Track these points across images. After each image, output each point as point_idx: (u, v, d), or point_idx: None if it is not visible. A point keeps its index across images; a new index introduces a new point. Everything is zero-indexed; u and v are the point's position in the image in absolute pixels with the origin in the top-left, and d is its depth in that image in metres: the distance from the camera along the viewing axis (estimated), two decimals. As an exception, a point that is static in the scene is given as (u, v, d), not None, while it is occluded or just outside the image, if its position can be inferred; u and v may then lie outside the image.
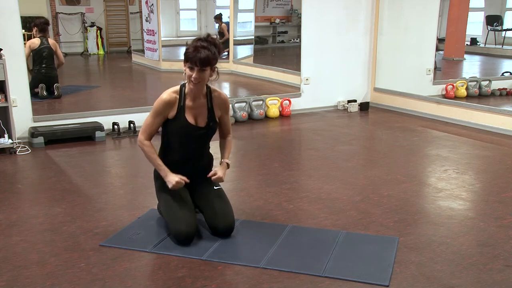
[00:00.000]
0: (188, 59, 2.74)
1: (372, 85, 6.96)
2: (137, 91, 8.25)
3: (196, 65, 2.71)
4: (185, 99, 2.86)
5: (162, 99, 2.84)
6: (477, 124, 5.64)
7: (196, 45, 2.72)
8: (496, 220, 3.12)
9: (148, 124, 2.90)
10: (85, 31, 12.86)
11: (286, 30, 11.13)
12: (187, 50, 2.75)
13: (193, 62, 2.71)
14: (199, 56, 2.69)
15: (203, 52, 2.70)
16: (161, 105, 2.84)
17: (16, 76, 4.79)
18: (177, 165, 2.92)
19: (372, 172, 4.12)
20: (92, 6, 13.06)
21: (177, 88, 2.88)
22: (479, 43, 10.08)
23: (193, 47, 2.73)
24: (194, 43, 2.74)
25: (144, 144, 2.90)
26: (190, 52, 2.72)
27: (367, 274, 2.48)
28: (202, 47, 2.71)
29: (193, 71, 2.74)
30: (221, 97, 2.96)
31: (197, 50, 2.70)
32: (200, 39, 2.76)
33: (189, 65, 2.74)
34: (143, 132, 2.91)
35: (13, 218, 3.18)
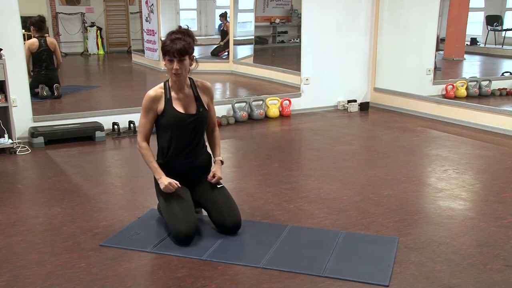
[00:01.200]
0: (166, 52, 2.80)
1: (372, 85, 6.96)
2: (137, 91, 8.24)
3: (174, 56, 2.78)
4: (171, 92, 2.93)
5: (148, 95, 2.91)
6: (477, 124, 5.64)
7: (171, 38, 2.80)
8: (496, 220, 3.12)
9: (142, 124, 2.94)
10: (85, 31, 12.86)
11: (286, 30, 11.13)
12: (164, 44, 2.81)
13: (171, 54, 2.78)
14: (175, 47, 2.75)
15: (179, 43, 2.76)
16: (148, 101, 2.90)
17: (16, 76, 4.79)
18: (176, 163, 2.92)
19: (372, 172, 4.12)
20: (92, 6, 13.06)
21: (161, 84, 2.96)
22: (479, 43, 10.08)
23: (169, 40, 2.80)
24: (169, 37, 2.82)
25: (141, 146, 2.93)
26: (167, 45, 2.79)
27: (367, 274, 2.48)
28: (177, 39, 2.78)
29: (172, 63, 2.81)
30: (204, 85, 3.04)
31: (173, 42, 2.77)
32: (174, 32, 2.84)
33: (168, 57, 2.81)
34: (139, 134, 2.95)
35: (13, 218, 3.18)
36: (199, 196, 2.99)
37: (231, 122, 5.86)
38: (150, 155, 2.92)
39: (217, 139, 3.14)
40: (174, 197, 2.87)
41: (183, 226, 2.76)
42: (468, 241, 2.84)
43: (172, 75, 2.86)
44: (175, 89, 2.93)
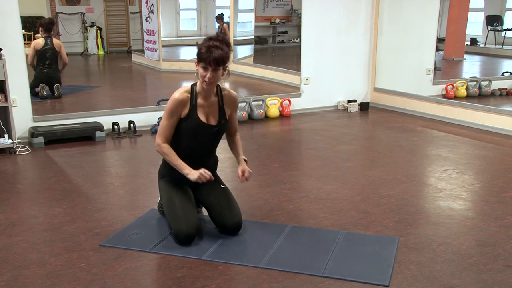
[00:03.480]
0: (202, 59, 2.71)
1: (372, 85, 6.96)
2: (137, 91, 8.25)
3: (210, 65, 2.69)
4: (197, 98, 2.84)
5: (175, 98, 2.80)
6: (477, 124, 5.64)
7: (209, 44, 2.70)
8: (496, 220, 3.12)
9: (164, 126, 2.85)
10: (85, 31, 12.87)
11: (286, 30, 11.13)
12: (200, 50, 2.71)
13: (207, 62, 2.69)
14: (213, 56, 2.67)
15: (217, 51, 2.68)
16: (174, 104, 2.80)
17: (16, 76, 4.78)
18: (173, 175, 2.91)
19: (372, 172, 4.12)
20: (92, 6, 13.07)
21: (188, 87, 2.86)
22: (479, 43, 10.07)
23: (206, 47, 2.70)
24: (207, 43, 2.71)
25: (163, 146, 2.86)
26: (204, 52, 2.69)
27: (367, 274, 2.48)
28: (215, 47, 2.69)
29: (207, 71, 2.72)
30: (231, 95, 2.97)
31: (210, 50, 2.68)
32: (212, 38, 2.74)
33: (203, 65, 2.71)
34: (160, 135, 2.86)
35: (13, 218, 3.18)
36: (201, 195, 2.99)
37: (231, 122, 5.86)
38: (173, 153, 2.85)
39: (238, 142, 3.09)
40: (177, 196, 2.87)
41: (184, 225, 2.76)
42: (468, 241, 2.84)
43: (203, 83, 2.77)
44: (201, 95, 2.84)
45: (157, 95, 7.00)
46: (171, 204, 2.86)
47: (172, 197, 2.88)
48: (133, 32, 12.48)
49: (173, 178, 2.94)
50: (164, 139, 2.86)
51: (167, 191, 2.92)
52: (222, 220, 2.89)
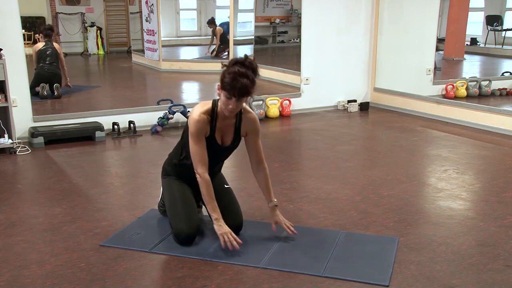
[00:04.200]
0: (225, 88, 2.54)
1: (372, 85, 6.96)
2: (137, 91, 8.25)
3: (234, 96, 2.54)
4: (217, 119, 2.70)
5: (196, 120, 2.64)
6: (477, 124, 5.64)
7: (234, 71, 2.53)
8: (496, 220, 3.12)
9: (196, 152, 2.67)
10: (85, 31, 12.87)
11: (286, 30, 11.12)
12: (224, 77, 2.54)
13: (231, 93, 2.53)
14: (238, 86, 2.51)
15: (242, 81, 2.51)
16: (197, 126, 2.64)
17: (16, 76, 4.78)
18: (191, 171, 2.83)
19: (372, 172, 4.12)
20: (92, 6, 13.07)
21: (209, 106, 2.69)
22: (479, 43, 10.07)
23: (231, 74, 2.52)
24: (232, 69, 2.54)
25: (205, 178, 2.67)
26: (228, 81, 2.52)
27: (367, 274, 2.48)
28: (241, 75, 2.52)
29: (230, 101, 2.56)
30: (250, 117, 2.80)
31: (235, 79, 2.51)
32: (238, 62, 2.57)
33: (227, 94, 2.55)
34: (199, 163, 2.67)
35: (13, 218, 3.18)
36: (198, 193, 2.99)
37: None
38: (212, 191, 2.69)
39: (267, 179, 2.88)
40: (179, 196, 2.87)
41: (185, 226, 2.76)
42: (468, 241, 2.84)
43: (224, 111, 2.63)
44: (222, 116, 2.70)
45: (157, 95, 7.01)
46: (173, 203, 2.86)
47: (175, 197, 2.88)
48: (133, 32, 12.48)
49: (178, 177, 2.94)
50: (203, 167, 2.67)
51: (170, 189, 2.92)
52: (223, 219, 2.88)
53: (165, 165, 3.05)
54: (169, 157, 3.04)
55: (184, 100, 6.74)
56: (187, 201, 2.86)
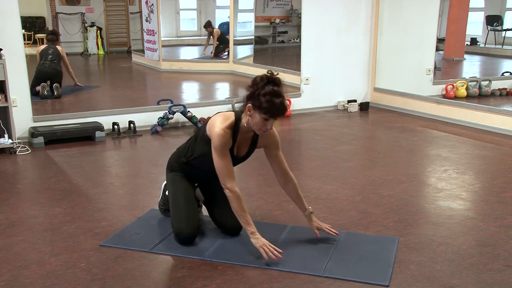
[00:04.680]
0: (264, 111, 2.47)
1: (372, 85, 6.96)
2: (137, 91, 8.25)
3: (273, 117, 2.50)
4: (238, 134, 2.66)
5: (221, 135, 2.56)
6: (477, 124, 5.64)
7: (269, 92, 2.46)
8: (496, 220, 3.12)
9: (224, 166, 2.59)
10: (85, 31, 12.87)
11: (286, 30, 11.13)
12: (259, 99, 2.46)
13: (271, 115, 2.48)
14: (276, 107, 2.46)
15: (279, 101, 2.46)
16: (222, 141, 2.57)
17: (16, 76, 4.78)
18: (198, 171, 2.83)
19: (372, 172, 4.12)
20: (92, 6, 13.08)
21: (232, 120, 2.62)
22: (479, 43, 10.08)
23: (267, 96, 2.45)
24: (266, 89, 2.46)
25: (236, 191, 2.60)
26: (266, 103, 2.45)
27: (367, 274, 2.48)
28: (276, 95, 2.46)
29: (268, 122, 2.52)
30: (270, 132, 2.73)
31: (273, 101, 2.45)
32: (270, 80, 2.49)
33: (265, 116, 2.48)
34: (228, 178, 2.60)
35: (13, 218, 3.18)
36: (206, 191, 2.98)
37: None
38: (243, 204, 2.63)
39: (297, 189, 2.82)
40: (182, 195, 2.85)
41: (186, 226, 2.76)
42: (468, 241, 2.84)
43: (258, 131, 2.59)
44: (244, 130, 2.65)
45: (157, 95, 7.01)
46: (175, 202, 2.85)
47: (177, 195, 2.86)
48: (133, 32, 12.48)
49: (183, 174, 2.90)
50: (233, 181, 2.61)
51: (174, 186, 2.89)
52: (224, 219, 2.89)
53: (171, 160, 2.99)
54: (177, 153, 2.97)
55: (184, 100, 6.74)
56: (189, 201, 2.86)
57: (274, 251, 2.55)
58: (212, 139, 2.60)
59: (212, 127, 2.62)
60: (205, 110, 5.90)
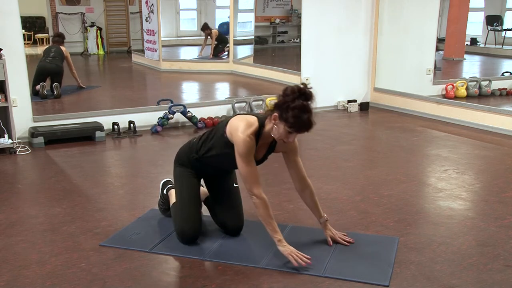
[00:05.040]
0: (290, 125, 2.42)
1: (372, 85, 6.96)
2: (137, 91, 8.25)
3: (298, 132, 2.46)
4: (260, 138, 2.61)
5: (247, 141, 2.51)
6: (477, 124, 5.64)
7: (299, 106, 2.40)
8: (496, 220, 3.12)
9: (251, 172, 2.54)
10: (85, 31, 12.87)
11: (286, 30, 11.14)
12: (287, 112, 2.41)
13: (296, 130, 2.44)
14: (303, 123, 2.42)
15: (307, 117, 2.41)
16: (248, 147, 2.52)
17: (16, 76, 4.78)
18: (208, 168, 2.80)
19: (372, 172, 4.12)
20: (92, 6, 13.08)
21: (256, 126, 2.55)
22: (479, 43, 10.08)
23: (295, 110, 2.40)
24: (296, 103, 2.41)
25: (263, 198, 2.56)
26: (293, 118, 2.40)
27: (367, 274, 2.48)
28: (305, 110, 2.41)
29: (292, 134, 2.48)
30: None
31: (300, 116, 2.40)
32: (301, 95, 2.43)
33: (289, 130, 2.44)
34: (254, 184, 2.55)
35: (13, 218, 3.18)
36: (211, 188, 2.95)
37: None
38: (271, 211, 2.59)
39: (314, 196, 2.81)
40: (188, 195, 2.82)
41: (190, 226, 2.76)
42: (468, 241, 2.84)
43: (279, 140, 2.55)
44: (265, 136, 2.60)
45: (157, 95, 7.01)
46: (181, 199, 2.83)
47: (184, 195, 2.82)
48: (133, 32, 12.48)
49: (193, 170, 2.84)
50: (260, 187, 2.56)
51: (181, 183, 2.84)
52: (225, 219, 2.89)
53: (181, 154, 2.90)
54: (188, 148, 2.87)
55: (184, 100, 6.74)
56: (195, 201, 2.84)
57: (302, 258, 2.53)
58: (237, 144, 2.53)
59: (235, 131, 2.55)
60: (205, 110, 5.91)
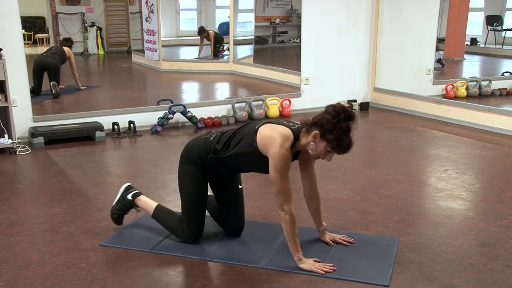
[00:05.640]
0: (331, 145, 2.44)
1: (372, 85, 6.96)
2: (137, 91, 8.25)
3: (339, 153, 2.48)
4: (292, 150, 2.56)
5: (286, 156, 2.46)
6: (477, 124, 5.64)
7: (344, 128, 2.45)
8: (496, 220, 3.12)
9: (287, 189, 2.49)
10: (85, 31, 12.87)
11: (286, 30, 11.13)
12: (331, 132, 2.42)
13: (337, 151, 2.47)
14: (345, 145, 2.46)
15: (349, 139, 2.45)
16: (287, 162, 2.48)
17: (16, 76, 4.78)
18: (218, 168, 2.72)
19: (372, 172, 4.12)
20: (92, 6, 13.08)
21: (292, 140, 2.50)
22: (479, 43, 10.07)
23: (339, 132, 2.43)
24: (343, 124, 2.45)
25: (292, 214, 2.52)
26: (336, 140, 2.43)
27: (367, 274, 2.48)
28: (348, 132, 2.45)
29: (330, 154, 2.49)
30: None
31: (343, 138, 2.44)
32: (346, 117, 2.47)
33: (330, 150, 2.46)
34: (288, 201, 2.50)
35: (13, 218, 3.18)
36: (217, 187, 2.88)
37: (231, 122, 5.86)
38: (296, 229, 2.56)
39: (319, 205, 2.81)
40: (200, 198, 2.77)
41: (198, 230, 2.78)
42: (468, 241, 2.84)
43: (313, 155, 2.54)
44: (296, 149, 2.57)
45: (157, 95, 7.01)
46: (191, 202, 2.75)
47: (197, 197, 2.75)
48: (133, 32, 12.48)
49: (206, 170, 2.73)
50: (291, 203, 2.52)
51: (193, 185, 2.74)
52: (228, 220, 2.88)
53: (193, 150, 2.74)
54: (203, 146, 2.70)
55: (184, 100, 6.74)
56: (204, 205, 2.81)
57: (325, 266, 2.52)
58: (274, 159, 2.46)
59: (271, 144, 2.47)
60: (205, 110, 5.91)
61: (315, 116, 2.52)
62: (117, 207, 3.00)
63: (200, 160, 2.70)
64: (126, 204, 2.97)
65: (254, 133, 2.56)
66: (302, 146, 2.53)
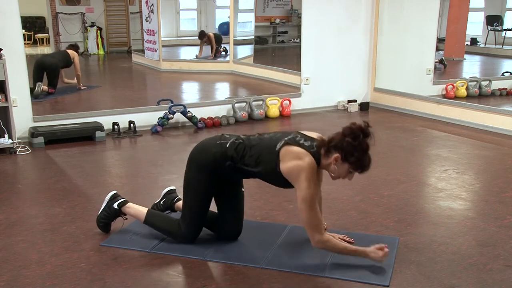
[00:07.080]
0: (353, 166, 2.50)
1: (372, 85, 6.96)
2: (137, 91, 8.25)
3: (361, 173, 2.54)
4: None
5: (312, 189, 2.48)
6: (477, 124, 5.64)
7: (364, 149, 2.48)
8: (496, 220, 3.12)
9: (316, 217, 2.48)
10: (85, 31, 12.87)
11: (286, 30, 11.13)
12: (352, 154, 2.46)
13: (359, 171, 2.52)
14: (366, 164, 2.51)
15: (369, 158, 2.51)
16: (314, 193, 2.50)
17: (16, 76, 4.78)
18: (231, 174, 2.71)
19: (372, 172, 4.09)
20: (92, 6, 13.08)
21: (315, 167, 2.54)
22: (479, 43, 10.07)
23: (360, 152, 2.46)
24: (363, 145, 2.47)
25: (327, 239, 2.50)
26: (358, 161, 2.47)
27: (367, 274, 2.48)
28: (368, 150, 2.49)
29: (352, 174, 2.56)
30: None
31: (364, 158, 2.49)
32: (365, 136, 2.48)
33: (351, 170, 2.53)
34: (319, 230, 2.47)
35: (13, 218, 3.18)
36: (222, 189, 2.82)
37: (231, 122, 5.87)
38: (339, 243, 2.54)
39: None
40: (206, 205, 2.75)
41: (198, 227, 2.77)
42: (468, 241, 2.84)
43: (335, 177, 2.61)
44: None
45: (157, 95, 7.00)
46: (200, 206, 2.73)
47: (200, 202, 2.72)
48: (133, 32, 12.48)
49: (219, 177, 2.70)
50: (322, 231, 2.50)
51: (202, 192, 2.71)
52: (228, 223, 2.83)
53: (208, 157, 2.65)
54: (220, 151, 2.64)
55: (184, 100, 6.74)
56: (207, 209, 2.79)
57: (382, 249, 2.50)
58: (301, 190, 2.46)
59: (297, 175, 2.47)
60: (205, 110, 5.91)
61: (332, 137, 2.55)
62: (103, 215, 2.93)
63: (213, 165, 2.64)
64: (112, 213, 2.91)
65: (276, 156, 2.54)
66: (322, 167, 2.58)
